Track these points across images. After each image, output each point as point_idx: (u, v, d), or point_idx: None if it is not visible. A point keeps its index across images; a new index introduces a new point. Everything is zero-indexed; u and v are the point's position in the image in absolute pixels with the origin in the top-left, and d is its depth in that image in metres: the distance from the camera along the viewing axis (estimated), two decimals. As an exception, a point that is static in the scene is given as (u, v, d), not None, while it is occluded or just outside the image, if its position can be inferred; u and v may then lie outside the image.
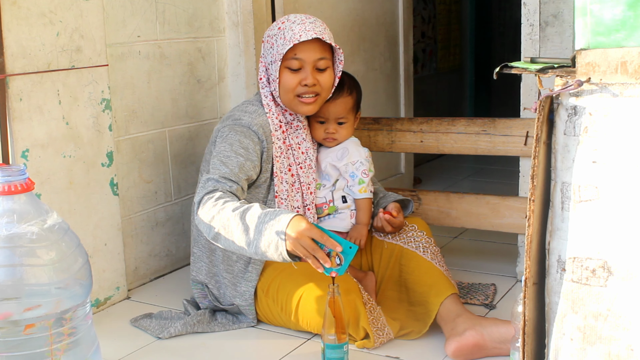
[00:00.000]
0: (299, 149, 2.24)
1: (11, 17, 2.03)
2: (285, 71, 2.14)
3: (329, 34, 2.16)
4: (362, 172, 2.28)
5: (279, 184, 2.16)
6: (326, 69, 2.16)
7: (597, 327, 1.32)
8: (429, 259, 2.16)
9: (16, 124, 2.07)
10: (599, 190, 1.30)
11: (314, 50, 2.12)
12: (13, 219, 1.54)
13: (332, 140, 2.30)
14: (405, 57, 3.84)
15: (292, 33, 2.10)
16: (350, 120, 2.31)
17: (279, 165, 2.16)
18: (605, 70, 1.29)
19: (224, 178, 2.00)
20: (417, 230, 2.24)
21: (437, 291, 2.06)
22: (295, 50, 2.11)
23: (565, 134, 1.33)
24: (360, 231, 2.27)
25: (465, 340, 1.92)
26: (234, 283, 2.17)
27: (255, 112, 2.16)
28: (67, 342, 1.58)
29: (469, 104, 5.72)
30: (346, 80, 2.29)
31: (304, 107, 2.17)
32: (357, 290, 2.03)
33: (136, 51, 2.51)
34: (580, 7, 1.29)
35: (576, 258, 1.33)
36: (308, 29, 2.10)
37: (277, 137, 2.17)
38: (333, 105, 2.26)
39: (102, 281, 2.37)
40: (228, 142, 2.09)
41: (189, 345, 2.10)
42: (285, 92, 2.15)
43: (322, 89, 2.16)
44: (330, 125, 2.28)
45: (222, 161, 2.04)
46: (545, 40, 2.41)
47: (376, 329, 2.02)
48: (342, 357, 1.87)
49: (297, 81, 2.13)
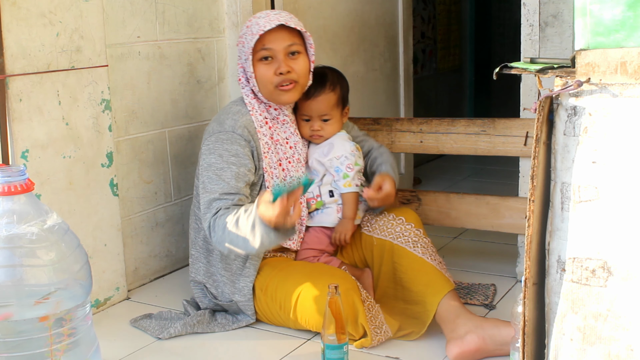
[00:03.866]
0: (286, 144, 2.24)
1: (11, 18, 2.03)
2: (259, 64, 2.16)
3: (295, 21, 2.18)
4: (347, 166, 2.27)
5: (269, 179, 2.17)
6: (298, 54, 2.18)
7: (597, 328, 1.32)
8: (419, 254, 2.14)
9: (16, 125, 2.07)
10: (599, 190, 1.30)
11: (282, 38, 2.15)
12: (13, 220, 1.54)
13: (318, 137, 2.29)
14: (405, 58, 3.84)
15: (258, 26, 2.14)
16: (336, 117, 2.30)
17: (268, 160, 2.18)
18: (605, 71, 1.30)
19: (224, 194, 2.06)
20: (406, 223, 2.22)
21: (433, 290, 2.05)
22: (263, 42, 2.14)
23: (565, 134, 1.33)
24: (345, 225, 2.26)
25: (467, 346, 1.92)
26: (232, 280, 2.18)
27: (238, 112, 2.19)
28: (67, 343, 1.58)
29: (469, 105, 5.72)
30: (329, 76, 2.30)
31: (284, 96, 2.18)
32: (355, 287, 2.03)
33: (136, 52, 2.51)
34: (580, 8, 1.30)
35: (576, 258, 1.33)
36: (272, 19, 2.14)
37: (262, 133, 2.18)
38: (315, 102, 2.26)
39: (102, 282, 2.37)
40: (217, 154, 2.12)
41: (189, 345, 2.10)
42: (263, 85, 2.17)
43: (298, 75, 2.18)
44: (315, 122, 2.28)
45: (217, 175, 2.09)
46: (545, 41, 2.41)
47: (374, 326, 2.02)
48: (342, 357, 1.87)
49: (272, 71, 2.15)
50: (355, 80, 3.45)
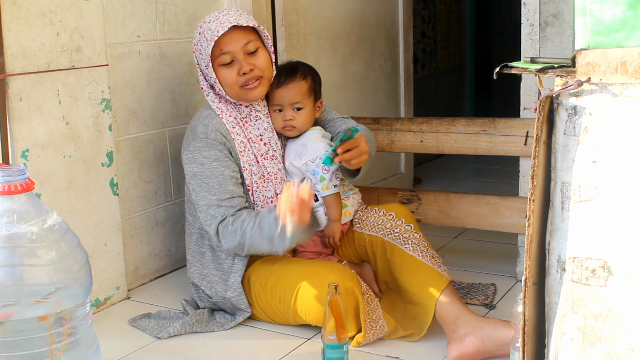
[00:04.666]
0: (260, 141, 2.24)
1: (11, 17, 2.03)
2: (220, 69, 2.16)
3: (245, 17, 2.18)
4: (323, 168, 2.22)
5: (248, 176, 2.19)
6: (257, 50, 2.18)
7: (597, 327, 1.32)
8: (410, 251, 2.13)
9: (16, 124, 2.07)
10: (599, 190, 1.30)
11: (237, 39, 2.15)
12: (13, 219, 1.54)
13: (290, 128, 2.25)
14: (405, 57, 3.84)
15: (211, 32, 2.13)
16: (308, 107, 2.26)
17: (245, 159, 2.19)
18: (605, 70, 1.30)
19: (222, 200, 2.11)
20: (396, 219, 2.21)
21: (428, 292, 2.04)
22: (220, 46, 2.14)
23: (565, 134, 1.33)
24: (332, 228, 2.25)
25: (466, 349, 1.92)
26: (224, 279, 2.19)
27: (208, 116, 2.20)
28: (67, 342, 1.58)
29: (469, 104, 5.72)
30: (300, 67, 2.29)
31: (252, 93, 2.18)
32: (355, 279, 2.04)
33: (136, 51, 2.51)
34: (580, 7, 1.30)
35: (576, 258, 1.33)
36: (223, 21, 2.13)
37: (236, 133, 2.19)
38: (285, 89, 2.24)
39: (102, 281, 2.37)
40: (199, 162, 2.14)
41: (189, 345, 2.10)
42: (229, 87, 2.17)
43: (261, 70, 2.18)
44: (287, 111, 2.24)
45: (205, 182, 2.12)
46: (545, 40, 2.41)
47: (370, 320, 2.02)
48: (342, 357, 1.87)
49: (235, 73, 2.15)
50: (355, 79, 3.45)
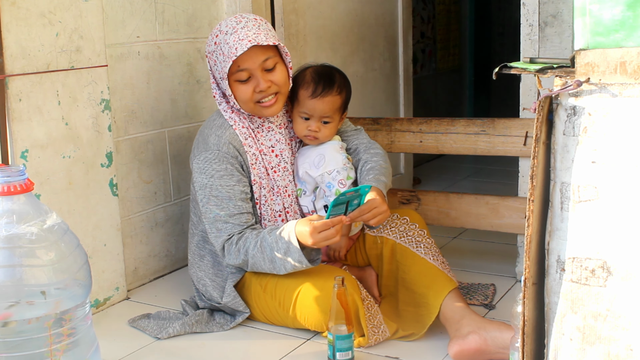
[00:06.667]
0: (272, 152, 2.22)
1: (11, 18, 2.03)
2: (236, 84, 2.13)
3: (265, 32, 2.11)
4: (339, 182, 2.19)
5: (257, 190, 2.17)
6: (275, 65, 2.14)
7: (597, 327, 1.32)
8: (422, 254, 2.14)
9: (15, 125, 2.07)
10: (598, 190, 1.30)
11: (256, 56, 2.10)
12: (12, 220, 1.54)
13: (313, 138, 2.23)
14: (405, 58, 3.84)
15: (228, 47, 2.07)
16: (335, 121, 2.24)
17: (256, 171, 2.17)
18: (605, 71, 1.30)
19: (230, 216, 2.10)
20: (410, 223, 2.22)
21: (435, 292, 2.05)
22: (237, 63, 2.09)
23: (564, 134, 1.33)
24: (339, 243, 2.24)
25: (468, 345, 1.92)
26: (221, 285, 2.20)
27: (221, 125, 2.17)
28: (67, 343, 1.58)
29: (469, 104, 5.72)
30: (338, 78, 2.24)
31: (267, 110, 2.16)
32: (355, 285, 2.04)
33: (135, 51, 2.51)
34: (580, 8, 1.30)
35: (575, 258, 1.33)
36: (242, 37, 2.07)
37: (248, 145, 2.17)
38: (321, 102, 2.19)
39: (102, 282, 2.37)
40: (208, 175, 2.12)
41: (189, 345, 2.10)
42: (244, 103, 2.14)
43: (279, 87, 2.15)
44: (314, 122, 2.20)
45: (215, 196, 2.10)
46: (545, 41, 2.41)
47: (372, 326, 2.02)
48: (351, 346, 1.90)
49: (252, 90, 2.12)
50: (355, 80, 3.45)
